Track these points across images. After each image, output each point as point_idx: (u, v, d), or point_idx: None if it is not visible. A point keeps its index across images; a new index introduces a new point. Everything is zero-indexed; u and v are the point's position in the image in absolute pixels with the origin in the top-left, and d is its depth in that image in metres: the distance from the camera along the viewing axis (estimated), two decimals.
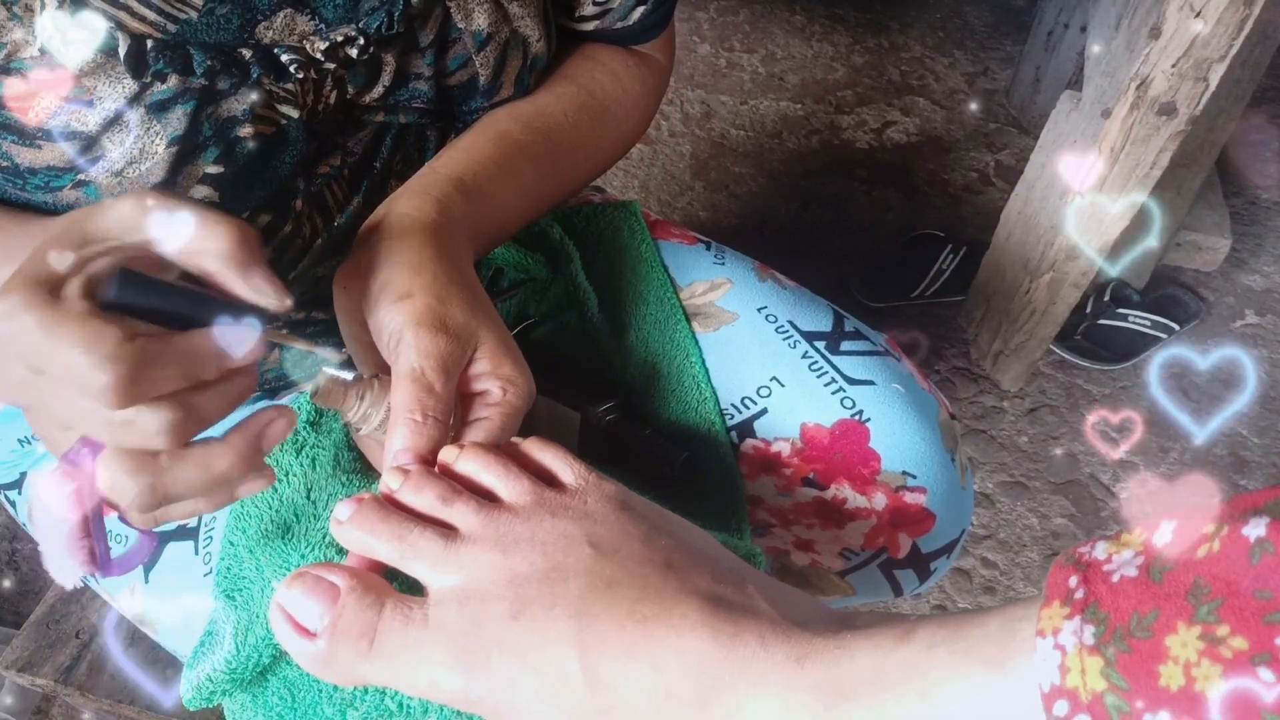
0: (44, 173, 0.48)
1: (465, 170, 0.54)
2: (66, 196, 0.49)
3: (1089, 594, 0.28)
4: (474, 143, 0.57)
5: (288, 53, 0.50)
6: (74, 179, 0.48)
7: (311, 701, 0.48)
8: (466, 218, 0.52)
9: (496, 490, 0.41)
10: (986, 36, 2.05)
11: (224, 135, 0.50)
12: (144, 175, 0.49)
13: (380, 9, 0.52)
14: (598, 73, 0.64)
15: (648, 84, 0.68)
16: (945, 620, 0.33)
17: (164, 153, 0.48)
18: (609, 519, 0.40)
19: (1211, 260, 1.61)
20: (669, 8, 0.66)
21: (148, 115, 0.48)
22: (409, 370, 0.42)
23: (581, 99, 0.62)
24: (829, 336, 0.65)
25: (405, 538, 0.39)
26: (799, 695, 0.33)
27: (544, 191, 0.60)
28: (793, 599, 0.38)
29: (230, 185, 0.52)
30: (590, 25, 0.64)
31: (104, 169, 0.48)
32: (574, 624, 0.36)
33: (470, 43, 0.55)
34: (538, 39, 0.59)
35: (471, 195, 0.53)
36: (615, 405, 0.60)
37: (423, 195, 0.51)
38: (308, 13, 0.50)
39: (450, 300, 0.45)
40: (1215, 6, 1.00)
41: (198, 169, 0.50)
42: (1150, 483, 1.36)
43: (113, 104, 0.47)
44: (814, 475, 0.62)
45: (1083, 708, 0.27)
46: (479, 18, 0.55)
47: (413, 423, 0.42)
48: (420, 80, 0.56)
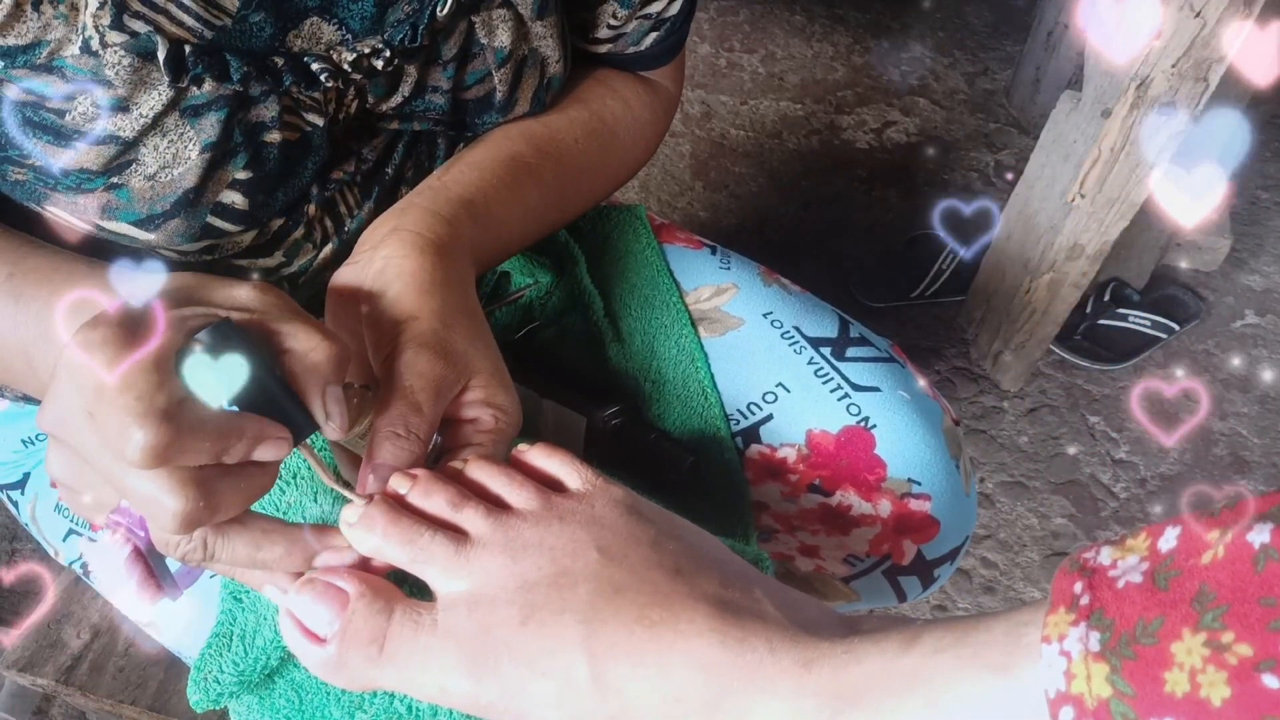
0: (77, 174, 0.48)
1: (476, 192, 0.54)
2: (97, 198, 0.49)
3: (1094, 600, 0.28)
4: (485, 161, 0.57)
5: (318, 61, 0.50)
6: (106, 181, 0.48)
7: (319, 704, 0.49)
8: (474, 240, 0.52)
9: (505, 496, 0.41)
10: (986, 36, 2.05)
11: (253, 141, 0.51)
12: (176, 180, 0.49)
13: (405, 21, 0.52)
14: (610, 99, 0.65)
15: (656, 112, 0.68)
16: (951, 625, 0.33)
17: (197, 158, 0.49)
18: (617, 524, 0.40)
19: (1211, 260, 1.62)
20: (681, 36, 0.66)
21: (182, 120, 0.48)
22: (401, 388, 0.42)
23: (593, 124, 0.63)
24: (835, 343, 0.65)
25: (416, 541, 0.39)
26: (806, 701, 0.33)
27: (548, 215, 0.61)
28: (800, 604, 0.38)
29: (257, 190, 0.52)
30: (604, 48, 0.64)
31: (138, 172, 0.48)
32: (583, 629, 0.36)
33: (491, 59, 0.56)
34: (556, 59, 0.59)
35: (479, 218, 0.53)
36: (621, 409, 0.60)
37: (434, 215, 0.51)
38: (334, 22, 0.51)
39: (454, 328, 0.45)
40: (1215, 6, 1.00)
41: (228, 174, 0.50)
42: (1150, 483, 1.37)
43: (149, 108, 0.47)
44: (819, 481, 0.62)
45: (1088, 714, 0.27)
46: (502, 34, 0.55)
47: (395, 438, 0.42)
48: (437, 94, 0.56)
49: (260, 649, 0.49)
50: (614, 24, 0.62)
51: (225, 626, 0.51)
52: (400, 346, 0.43)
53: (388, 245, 0.48)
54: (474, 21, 0.54)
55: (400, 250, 0.47)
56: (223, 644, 0.50)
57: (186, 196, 0.50)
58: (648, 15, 0.62)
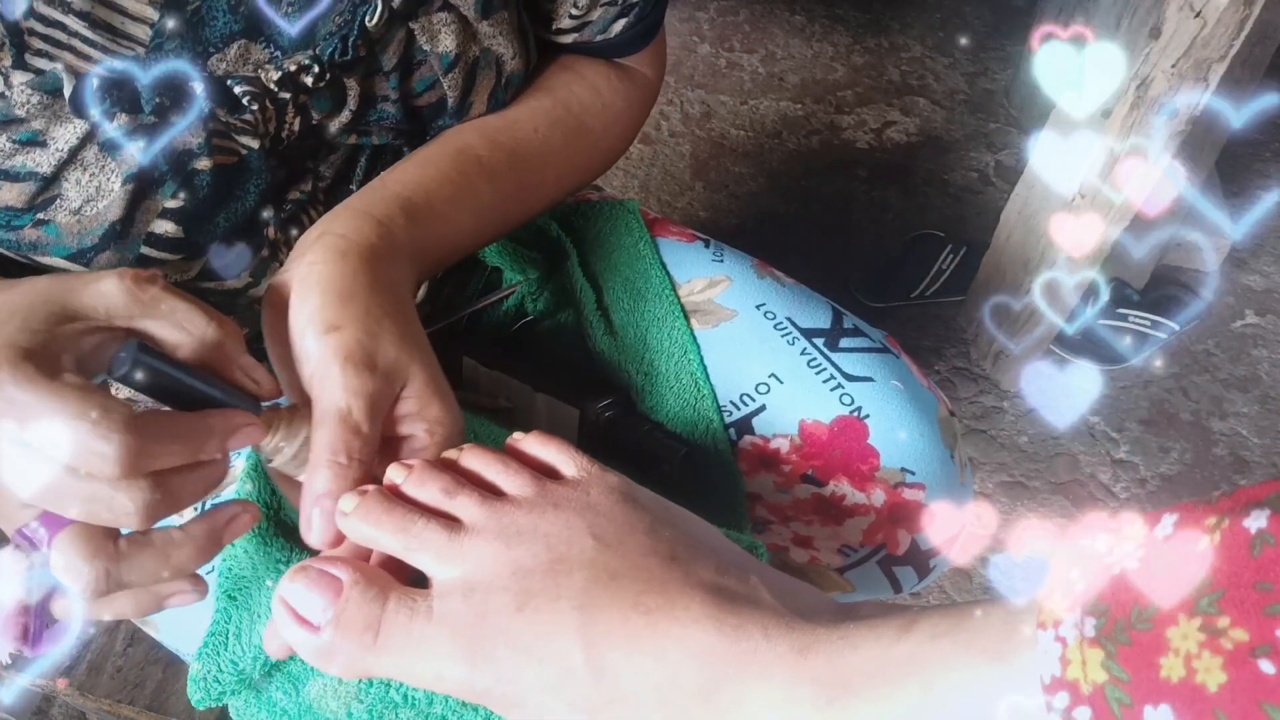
0: (3, 212, 0.47)
1: (416, 189, 0.52)
2: (27, 235, 0.48)
3: (1089, 586, 0.28)
4: (431, 156, 0.55)
5: (241, 84, 0.49)
6: (33, 219, 0.47)
7: (316, 695, 0.49)
8: (412, 240, 0.50)
9: (499, 483, 0.41)
10: (986, 36, 2.05)
11: (181, 169, 0.49)
12: (102, 213, 0.48)
13: (336, 34, 0.50)
14: (576, 85, 0.62)
15: (631, 99, 0.66)
16: (947, 611, 0.33)
17: (120, 190, 0.47)
18: (612, 511, 0.40)
19: (1211, 260, 1.62)
20: (654, 21, 0.64)
21: (101, 153, 0.47)
22: (336, 410, 0.41)
23: (556, 113, 0.61)
24: (828, 333, 0.65)
25: (409, 529, 0.39)
26: (802, 687, 0.33)
27: (505, 210, 0.58)
28: (795, 590, 0.38)
29: (192, 218, 0.50)
30: (568, 38, 0.62)
31: (62, 207, 0.47)
32: (578, 615, 0.36)
33: (437, 65, 0.54)
34: (512, 56, 0.57)
35: (419, 217, 0.51)
36: (614, 402, 0.60)
37: (363, 216, 0.48)
38: (263, 41, 0.49)
39: (381, 335, 0.43)
40: (1215, 6, 1.00)
41: (156, 204, 0.49)
42: (1150, 483, 1.37)
43: (65, 144, 0.46)
44: (813, 472, 0.62)
45: (1084, 699, 0.27)
46: (445, 39, 0.53)
47: (337, 465, 0.40)
48: (388, 102, 0.54)
49: (257, 647, 0.49)
50: (575, 13, 0.60)
51: (221, 625, 0.51)
52: (326, 361, 0.41)
53: (312, 252, 0.46)
54: (413, 29, 0.52)
55: (322, 256, 0.45)
56: (219, 643, 0.50)
57: (114, 229, 0.48)
58: (612, 2, 0.60)
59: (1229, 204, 1.66)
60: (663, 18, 0.65)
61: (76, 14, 0.44)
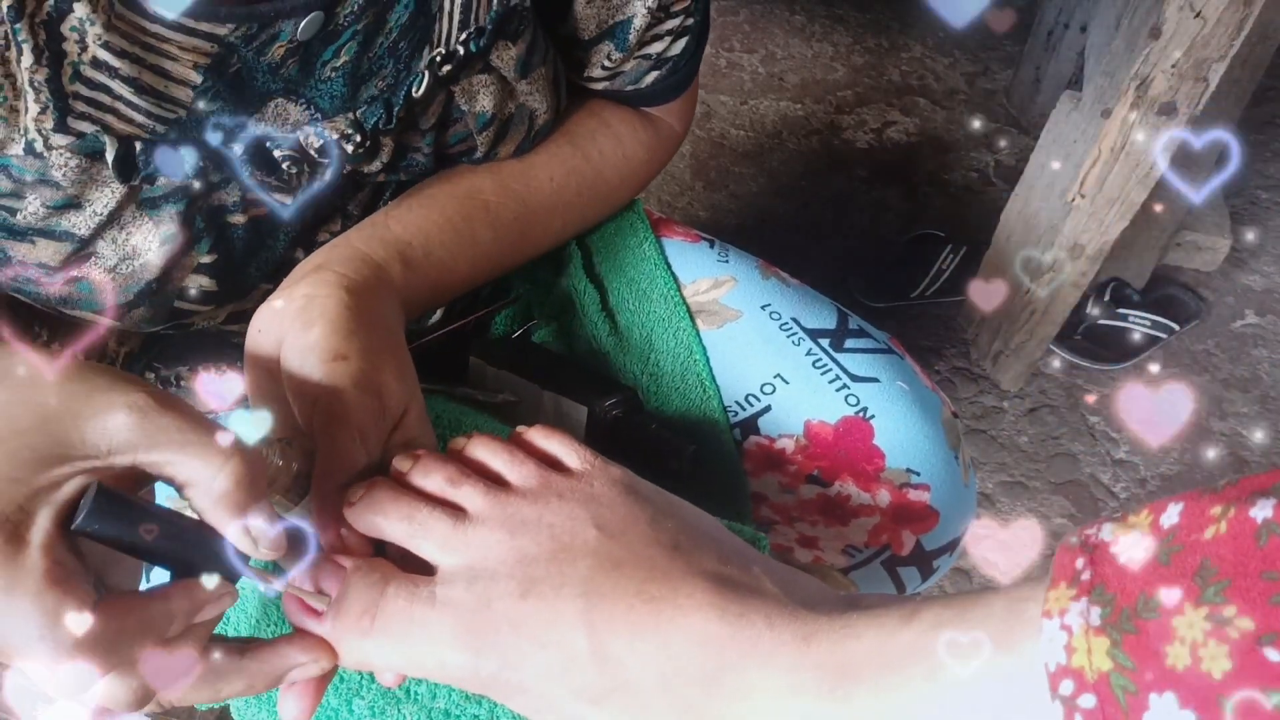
0: (37, 267, 0.47)
1: (416, 233, 0.52)
2: (58, 290, 0.47)
3: (1095, 575, 0.28)
4: (439, 196, 0.55)
5: (281, 147, 0.48)
6: (65, 275, 0.47)
7: None
8: (406, 286, 0.50)
9: (504, 473, 0.41)
10: (986, 36, 2.05)
11: (215, 224, 0.49)
12: (138, 272, 0.47)
13: (379, 99, 0.50)
14: (600, 134, 0.62)
15: (652, 150, 0.66)
16: (951, 601, 0.33)
17: (158, 250, 0.47)
18: (615, 502, 0.40)
19: (1211, 260, 1.62)
20: (687, 74, 0.63)
21: (139, 213, 0.46)
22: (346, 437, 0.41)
23: (574, 162, 0.61)
24: (833, 334, 0.65)
25: (414, 517, 0.39)
26: (805, 675, 0.33)
27: (503, 256, 0.58)
28: (798, 581, 0.38)
29: (225, 271, 0.50)
30: (599, 85, 0.62)
31: (97, 265, 0.47)
32: (583, 602, 0.36)
33: (473, 123, 0.54)
34: (545, 110, 0.57)
35: (415, 264, 0.51)
36: (621, 400, 0.60)
37: (362, 258, 0.49)
38: (301, 102, 0.49)
39: (384, 368, 0.44)
40: (1215, 6, 1.00)
41: (191, 260, 0.49)
42: (1150, 483, 1.37)
43: (103, 206, 0.45)
44: (818, 472, 0.62)
45: (1088, 687, 0.27)
46: (483, 100, 0.53)
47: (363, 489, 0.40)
48: (419, 153, 0.54)
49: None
50: (608, 65, 0.60)
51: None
52: (334, 390, 0.41)
53: (308, 283, 0.46)
54: (453, 90, 0.52)
55: (322, 290, 0.45)
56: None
57: (150, 286, 0.48)
58: (647, 55, 0.60)
59: (1229, 204, 1.66)
60: (696, 71, 0.64)
61: (124, 79, 0.43)
